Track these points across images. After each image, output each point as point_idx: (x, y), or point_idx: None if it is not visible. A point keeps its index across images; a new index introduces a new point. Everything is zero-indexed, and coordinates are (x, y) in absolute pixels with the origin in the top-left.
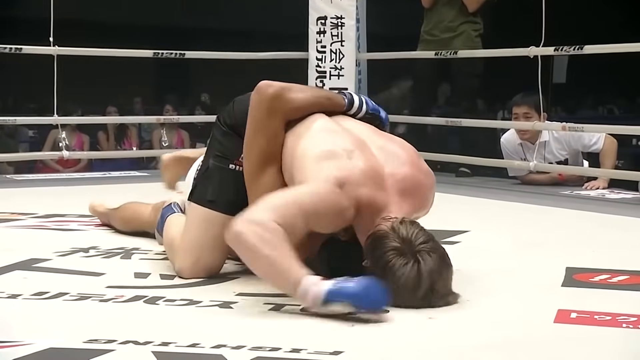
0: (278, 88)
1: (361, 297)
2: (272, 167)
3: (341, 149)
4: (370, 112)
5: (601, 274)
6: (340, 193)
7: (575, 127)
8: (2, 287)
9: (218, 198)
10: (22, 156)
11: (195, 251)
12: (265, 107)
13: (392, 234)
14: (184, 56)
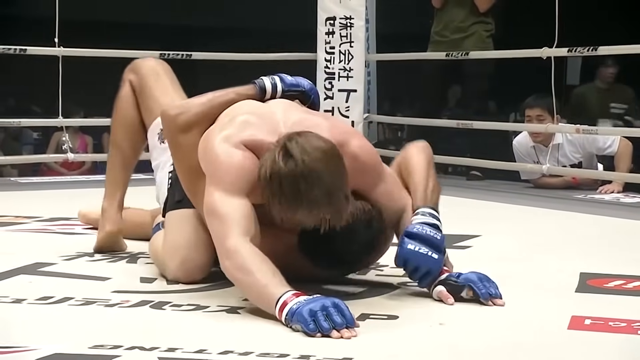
0: (174, 112)
1: (308, 323)
2: (202, 177)
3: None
4: (288, 90)
5: (616, 280)
6: (224, 146)
7: (590, 130)
8: (7, 291)
9: (184, 197)
10: (26, 159)
11: (177, 253)
12: (169, 131)
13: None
14: (190, 57)
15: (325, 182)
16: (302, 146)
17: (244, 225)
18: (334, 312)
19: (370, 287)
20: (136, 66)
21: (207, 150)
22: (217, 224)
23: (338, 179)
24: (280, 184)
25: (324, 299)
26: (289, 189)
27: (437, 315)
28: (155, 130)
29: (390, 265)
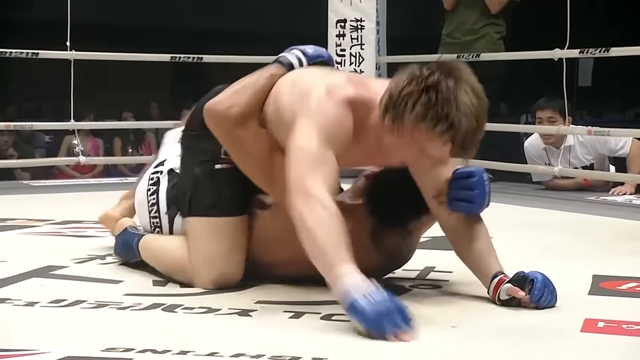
0: (222, 106)
1: (371, 324)
2: (276, 158)
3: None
4: (312, 62)
5: (629, 282)
6: (328, 99)
7: (602, 131)
8: (20, 294)
9: (218, 201)
10: (39, 162)
11: (214, 266)
12: (224, 128)
13: (403, 75)
14: (201, 60)
15: (479, 98)
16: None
17: (329, 179)
18: (398, 316)
19: None
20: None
21: (310, 98)
22: (304, 158)
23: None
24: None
25: (387, 301)
26: (445, 90)
27: (449, 318)
28: (175, 138)
29: (402, 268)
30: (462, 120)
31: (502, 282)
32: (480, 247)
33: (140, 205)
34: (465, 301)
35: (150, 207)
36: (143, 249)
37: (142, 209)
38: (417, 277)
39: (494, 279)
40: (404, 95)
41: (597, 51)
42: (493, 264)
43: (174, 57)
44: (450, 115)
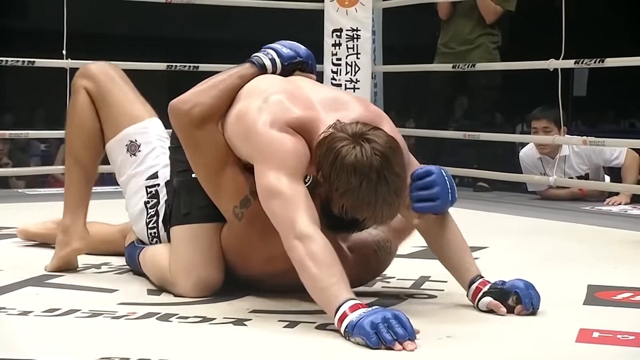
0: (186, 106)
1: (370, 336)
2: (225, 170)
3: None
4: (288, 64)
5: (624, 292)
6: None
7: (597, 142)
8: (14, 303)
9: (191, 209)
10: (34, 170)
11: (191, 272)
12: (184, 127)
13: (335, 132)
14: (197, 69)
15: (397, 184)
16: (376, 143)
17: (312, 213)
18: (396, 323)
19: (377, 299)
20: (90, 72)
21: (255, 136)
22: (282, 205)
23: (404, 180)
24: (361, 183)
25: (384, 311)
26: (366, 187)
27: (444, 328)
28: (122, 142)
29: (397, 277)
30: (384, 211)
31: (480, 291)
32: (454, 247)
33: (138, 217)
34: (461, 311)
35: (148, 218)
36: (142, 260)
37: (140, 221)
38: (412, 287)
39: (471, 285)
40: (334, 173)
41: (592, 62)
42: (469, 267)
43: (170, 65)
44: (372, 205)
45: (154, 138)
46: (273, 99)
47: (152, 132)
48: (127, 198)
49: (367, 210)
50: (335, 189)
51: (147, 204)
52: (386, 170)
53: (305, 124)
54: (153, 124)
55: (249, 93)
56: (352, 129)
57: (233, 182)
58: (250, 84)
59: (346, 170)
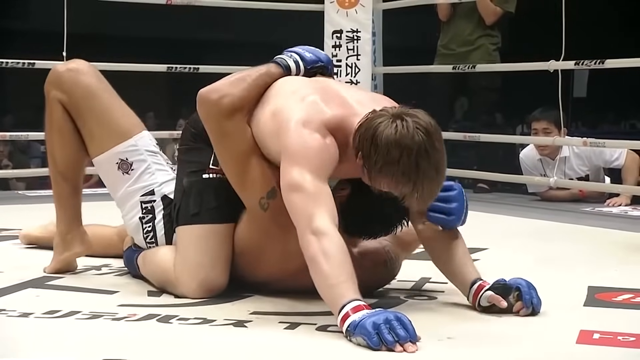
0: (215, 95)
1: (372, 336)
2: (253, 160)
3: (291, 98)
4: (310, 67)
5: (624, 294)
6: (307, 131)
7: (597, 143)
8: (14, 305)
9: (200, 209)
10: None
11: (197, 272)
12: (213, 117)
13: (374, 116)
14: (198, 70)
15: (438, 159)
16: (417, 118)
17: (332, 211)
18: (397, 325)
19: (378, 300)
20: (61, 82)
21: (286, 132)
22: (304, 198)
23: (445, 157)
24: (401, 155)
25: (386, 312)
26: (407, 160)
27: (445, 329)
28: (112, 160)
29: (397, 278)
30: (425, 187)
31: (482, 288)
32: (458, 256)
33: (135, 233)
34: (462, 312)
35: (145, 233)
36: (141, 263)
37: (137, 235)
38: (413, 288)
39: (473, 285)
40: (372, 148)
41: (592, 63)
42: (471, 271)
43: (171, 67)
44: (412, 179)
45: (145, 155)
46: (309, 100)
47: (142, 149)
48: (123, 214)
49: (408, 186)
50: (374, 164)
51: (142, 219)
52: (427, 144)
53: (342, 121)
54: (141, 139)
55: (279, 92)
56: (392, 111)
57: (260, 173)
58: (278, 84)
59: (386, 143)
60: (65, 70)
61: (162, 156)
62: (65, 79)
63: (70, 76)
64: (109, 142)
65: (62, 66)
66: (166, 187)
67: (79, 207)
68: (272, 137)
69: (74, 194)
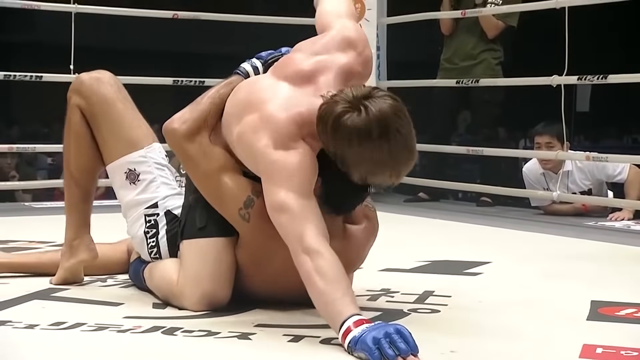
0: (176, 124)
1: (372, 351)
2: (224, 176)
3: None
4: (266, 61)
5: (627, 308)
6: (279, 151)
7: (600, 157)
8: (20, 316)
9: (207, 223)
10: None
11: (200, 285)
12: (177, 144)
13: (333, 105)
14: (203, 83)
15: (408, 140)
16: (383, 105)
17: (320, 226)
18: (398, 338)
19: (381, 314)
20: (82, 89)
21: (261, 158)
22: (290, 219)
23: (413, 132)
24: (374, 149)
25: (387, 326)
26: (379, 153)
27: (448, 343)
28: (121, 169)
29: (401, 292)
30: (402, 168)
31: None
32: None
33: (139, 245)
34: (464, 326)
35: (149, 248)
36: (147, 276)
37: (142, 249)
38: (416, 301)
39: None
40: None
41: (595, 78)
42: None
43: (176, 80)
44: (388, 166)
45: (153, 167)
46: (264, 114)
47: (150, 161)
48: (128, 225)
49: (386, 173)
50: (349, 161)
51: (146, 234)
52: (393, 130)
53: (302, 119)
54: (151, 151)
55: (238, 105)
56: (350, 96)
57: (234, 186)
58: (234, 94)
59: (353, 141)
60: (87, 78)
61: (170, 169)
62: (86, 86)
63: (91, 83)
64: (119, 150)
65: (86, 74)
66: (170, 202)
67: (88, 214)
68: (247, 159)
69: (84, 200)
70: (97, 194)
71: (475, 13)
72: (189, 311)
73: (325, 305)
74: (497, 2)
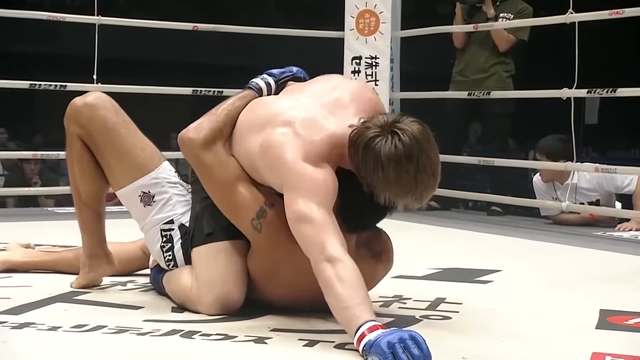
0: (191, 134)
1: (386, 355)
2: (237, 186)
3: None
4: (279, 80)
5: (636, 317)
6: (304, 166)
7: (608, 169)
8: (43, 319)
9: (214, 229)
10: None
11: (212, 289)
12: (192, 153)
13: (364, 130)
14: (222, 94)
15: (434, 167)
16: (406, 130)
17: (340, 238)
18: (412, 344)
19: (392, 320)
20: (79, 118)
21: (287, 169)
22: (312, 229)
23: (438, 159)
24: (400, 174)
25: (401, 332)
26: (406, 177)
27: (459, 349)
28: (134, 193)
29: (413, 299)
30: (424, 194)
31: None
32: None
33: (158, 260)
34: (475, 333)
35: (167, 262)
36: (165, 283)
37: (161, 263)
38: (428, 308)
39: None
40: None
41: (604, 91)
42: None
43: (196, 90)
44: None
45: (167, 187)
46: (293, 130)
47: (163, 181)
48: (147, 241)
49: (411, 197)
50: (377, 184)
51: (162, 248)
52: (421, 156)
53: (331, 143)
54: (162, 172)
55: (261, 118)
56: (381, 122)
57: (247, 196)
58: (256, 107)
59: (382, 165)
60: (82, 105)
61: (182, 185)
62: (83, 114)
63: (87, 112)
64: (128, 176)
65: (80, 100)
66: (184, 218)
67: (102, 231)
68: (267, 170)
69: (97, 220)
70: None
71: (487, 27)
72: (206, 315)
73: (343, 310)
74: (508, 16)
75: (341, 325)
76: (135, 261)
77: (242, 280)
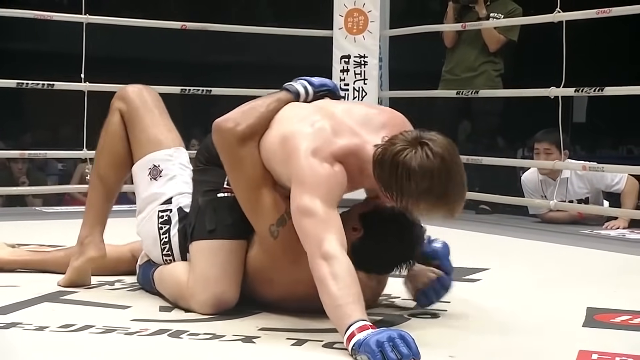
0: (230, 124)
1: (375, 354)
2: (264, 187)
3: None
4: (318, 91)
5: (622, 315)
6: (316, 161)
7: (596, 167)
8: (30, 319)
9: (217, 225)
10: (51, 189)
11: (208, 286)
12: (227, 144)
13: (390, 145)
14: (210, 92)
15: (462, 176)
16: (435, 142)
17: (341, 236)
18: (401, 343)
19: (381, 319)
20: (126, 95)
21: (297, 161)
22: (314, 223)
23: (463, 169)
24: (432, 185)
25: (390, 331)
26: (438, 187)
27: (447, 348)
28: (146, 165)
29: (401, 297)
30: (457, 204)
31: None
32: None
33: (152, 244)
34: (463, 331)
35: (162, 245)
36: (156, 278)
37: (155, 247)
38: (416, 307)
39: None
40: (402, 180)
41: (592, 90)
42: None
43: (184, 89)
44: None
45: (177, 167)
46: (317, 126)
47: (175, 160)
48: (141, 224)
49: (443, 208)
50: (408, 198)
51: (160, 229)
52: (451, 166)
53: (351, 151)
54: (178, 153)
55: (288, 118)
56: (408, 137)
57: (271, 200)
58: (287, 109)
59: (414, 176)
60: (132, 87)
61: (191, 174)
62: (130, 92)
63: (135, 90)
64: (148, 148)
65: (132, 85)
66: (183, 200)
67: (105, 214)
68: (281, 163)
69: (105, 200)
70: None
71: (477, 26)
72: (195, 314)
73: (335, 308)
74: (498, 17)
75: (332, 322)
76: (124, 263)
77: (238, 281)
